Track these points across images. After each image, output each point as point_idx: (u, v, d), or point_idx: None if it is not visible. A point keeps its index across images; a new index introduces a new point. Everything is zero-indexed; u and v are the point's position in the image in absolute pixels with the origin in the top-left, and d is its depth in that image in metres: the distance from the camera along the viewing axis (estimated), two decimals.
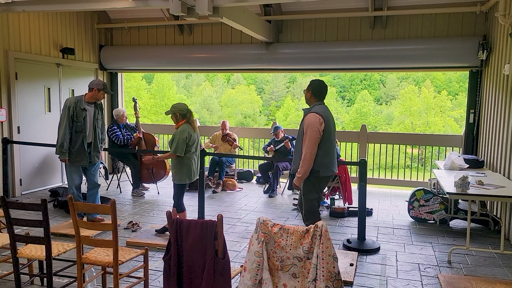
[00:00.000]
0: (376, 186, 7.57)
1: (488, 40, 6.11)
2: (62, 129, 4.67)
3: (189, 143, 4.32)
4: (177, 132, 4.30)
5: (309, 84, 3.79)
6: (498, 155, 5.20)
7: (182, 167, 4.35)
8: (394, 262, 4.04)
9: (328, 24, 7.10)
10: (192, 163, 4.41)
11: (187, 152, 4.34)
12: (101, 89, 4.76)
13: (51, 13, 7.02)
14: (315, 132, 3.53)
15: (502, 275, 3.77)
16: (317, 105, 3.72)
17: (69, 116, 4.65)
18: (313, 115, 3.60)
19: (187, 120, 4.37)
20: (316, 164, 3.60)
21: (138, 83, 35.22)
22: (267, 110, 39.41)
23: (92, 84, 4.79)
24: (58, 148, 4.71)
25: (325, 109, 3.71)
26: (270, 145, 7.04)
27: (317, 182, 3.68)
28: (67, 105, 4.68)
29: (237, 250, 4.30)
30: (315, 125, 3.54)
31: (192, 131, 4.37)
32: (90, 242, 3.01)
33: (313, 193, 3.70)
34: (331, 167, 3.71)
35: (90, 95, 4.79)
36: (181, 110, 4.36)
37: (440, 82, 37.23)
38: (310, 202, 3.72)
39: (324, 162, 3.63)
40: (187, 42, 7.88)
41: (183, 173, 4.36)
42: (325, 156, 3.63)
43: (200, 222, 2.52)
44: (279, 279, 2.43)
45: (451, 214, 5.19)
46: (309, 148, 3.53)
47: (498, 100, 5.34)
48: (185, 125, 4.35)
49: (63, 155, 4.70)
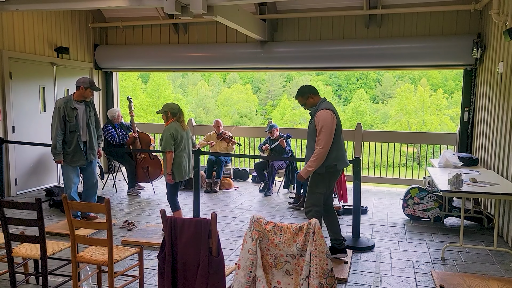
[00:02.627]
0: (372, 184, 7.60)
1: (482, 38, 6.15)
2: (54, 130, 4.65)
3: (177, 140, 4.34)
4: (164, 130, 4.37)
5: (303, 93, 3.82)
6: (492, 153, 5.24)
7: (172, 166, 4.37)
8: (388, 260, 4.07)
9: (323, 23, 7.11)
10: (183, 161, 4.42)
11: (175, 150, 4.35)
12: (87, 86, 4.73)
13: (45, 12, 6.99)
14: (330, 127, 3.62)
15: (495, 271, 3.80)
16: (323, 101, 3.80)
17: (60, 117, 4.63)
18: (325, 111, 3.67)
19: (177, 118, 4.42)
20: (332, 159, 3.69)
21: (134, 83, 35.13)
22: (263, 109, 39.43)
23: (78, 83, 4.75)
24: (52, 150, 4.69)
25: (332, 105, 3.82)
26: (265, 144, 7.05)
27: (330, 176, 3.77)
28: (57, 106, 4.66)
29: (232, 248, 4.31)
30: (329, 120, 3.63)
31: (180, 129, 4.40)
32: (85, 241, 3.01)
33: (321, 187, 3.76)
34: (345, 160, 3.86)
35: (78, 94, 4.77)
36: (172, 109, 4.42)
37: (436, 80, 37.38)
38: (316, 196, 3.77)
39: (339, 156, 3.75)
40: (182, 41, 7.88)
41: (174, 172, 4.38)
42: (339, 150, 3.75)
43: (194, 221, 2.53)
44: (272, 276, 2.45)
45: (445, 212, 5.22)
46: (326, 143, 3.61)
47: (492, 98, 5.38)
48: (174, 123, 4.40)
49: (57, 156, 4.69)
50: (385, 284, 3.53)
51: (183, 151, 4.42)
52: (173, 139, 4.31)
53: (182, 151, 4.41)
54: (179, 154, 4.39)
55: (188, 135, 4.53)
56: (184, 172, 4.46)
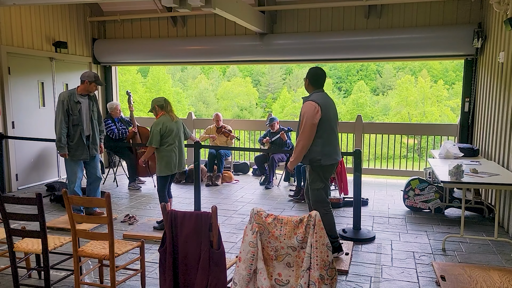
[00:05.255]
0: (372, 176, 7.60)
1: (483, 28, 6.10)
2: (58, 124, 4.64)
3: (165, 134, 4.34)
4: (153, 125, 4.39)
5: (307, 72, 3.79)
6: (492, 143, 5.22)
7: (161, 159, 4.39)
8: (389, 251, 4.08)
9: (322, 14, 7.06)
10: (172, 155, 4.40)
11: (164, 144, 4.35)
12: (92, 81, 4.73)
13: (43, 6, 6.94)
14: (310, 120, 3.53)
15: (496, 261, 3.81)
16: (315, 93, 3.71)
17: (64, 110, 4.62)
18: (309, 103, 3.60)
19: (165, 110, 4.44)
20: (316, 153, 3.61)
21: (134, 77, 35.03)
22: (263, 102, 39.35)
23: (83, 77, 4.75)
24: (56, 143, 4.67)
25: (323, 97, 3.68)
26: (265, 137, 7.04)
27: (321, 171, 3.69)
28: (61, 99, 4.65)
29: (233, 241, 4.32)
30: (310, 113, 3.54)
31: (170, 122, 4.40)
32: (86, 235, 3.02)
33: (318, 182, 3.71)
34: (333, 155, 3.70)
35: (82, 88, 4.76)
36: (158, 102, 4.46)
37: (437, 71, 37.25)
38: (316, 192, 3.73)
39: (326, 151, 3.63)
40: (181, 34, 7.83)
41: (162, 165, 4.39)
42: (325, 145, 3.63)
43: (195, 214, 2.53)
44: (273, 269, 2.45)
45: (446, 203, 5.23)
46: (306, 137, 3.55)
47: (493, 88, 5.36)
48: (163, 116, 4.41)
49: (62, 150, 4.67)
50: (386, 275, 3.54)
51: (172, 145, 4.40)
52: (160, 134, 4.33)
53: (170, 145, 4.39)
54: (167, 149, 4.38)
55: (178, 126, 4.50)
56: (174, 166, 4.44)
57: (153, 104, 4.48)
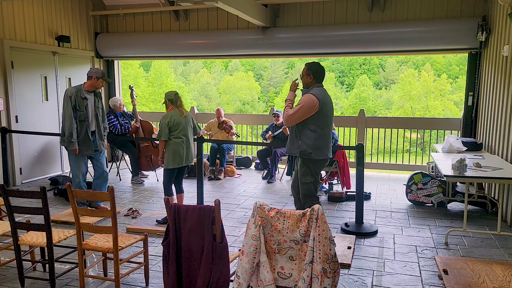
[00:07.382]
0: (375, 170, 7.59)
1: (487, 21, 6.05)
2: (67, 119, 4.63)
3: (173, 127, 4.40)
4: (162, 117, 4.49)
5: (308, 68, 3.72)
6: (496, 138, 5.20)
7: (168, 152, 4.43)
8: (391, 245, 4.09)
9: (325, 8, 7.02)
10: (180, 148, 4.43)
11: (171, 137, 4.41)
12: (99, 77, 4.75)
13: (45, 1, 6.93)
14: (306, 109, 3.54)
15: (498, 256, 3.81)
16: (316, 87, 3.69)
17: (72, 105, 4.64)
18: (310, 96, 3.59)
19: (175, 105, 4.51)
20: (308, 146, 3.62)
21: (136, 71, 34.98)
22: (265, 97, 39.26)
23: (90, 73, 4.77)
24: (67, 138, 4.65)
25: (323, 92, 3.69)
26: (268, 131, 7.04)
27: (312, 165, 3.69)
28: (68, 94, 4.65)
29: (236, 235, 4.34)
30: (310, 103, 3.55)
31: (178, 116, 4.45)
32: (90, 229, 3.04)
33: (308, 176, 3.71)
34: (324, 151, 3.70)
35: (89, 84, 4.77)
36: (169, 96, 4.54)
37: (440, 65, 36.99)
38: (306, 186, 3.74)
39: (318, 145, 3.64)
40: (183, 28, 7.81)
41: (169, 158, 4.43)
42: (319, 140, 3.64)
43: (198, 208, 2.55)
44: (276, 262, 2.47)
45: (449, 197, 5.22)
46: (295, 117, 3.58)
47: (497, 82, 5.32)
48: (172, 110, 4.49)
49: (72, 145, 4.67)
50: (389, 269, 3.55)
51: (179, 138, 4.43)
52: (168, 127, 4.39)
53: (178, 138, 4.42)
54: (176, 141, 4.41)
55: (187, 121, 4.53)
56: (181, 159, 4.46)
57: (165, 98, 4.58)
